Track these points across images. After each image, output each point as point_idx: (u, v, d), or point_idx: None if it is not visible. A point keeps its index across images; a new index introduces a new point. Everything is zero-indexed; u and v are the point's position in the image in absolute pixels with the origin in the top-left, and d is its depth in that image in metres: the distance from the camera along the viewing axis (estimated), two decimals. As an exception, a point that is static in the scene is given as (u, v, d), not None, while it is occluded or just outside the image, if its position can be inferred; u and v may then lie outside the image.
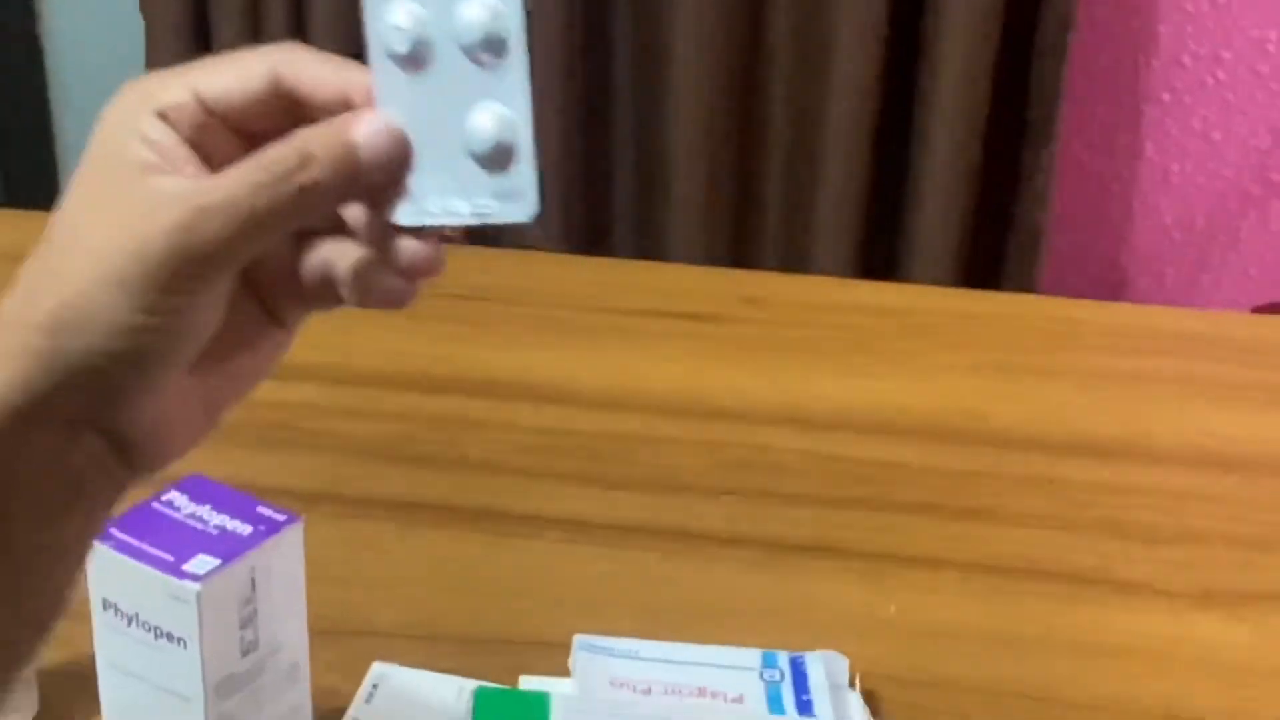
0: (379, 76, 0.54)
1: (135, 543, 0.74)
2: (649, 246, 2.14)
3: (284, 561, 0.78)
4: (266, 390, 1.20)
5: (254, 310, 0.57)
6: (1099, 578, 1.01)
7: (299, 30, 2.07)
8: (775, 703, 0.87)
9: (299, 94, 0.54)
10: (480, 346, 1.22)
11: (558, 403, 1.16)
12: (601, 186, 2.14)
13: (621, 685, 0.87)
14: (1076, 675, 0.94)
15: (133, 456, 0.54)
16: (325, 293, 0.56)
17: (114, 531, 0.75)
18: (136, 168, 0.52)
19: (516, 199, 0.54)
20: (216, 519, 0.76)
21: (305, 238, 0.56)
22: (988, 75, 1.97)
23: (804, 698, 0.87)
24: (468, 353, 1.22)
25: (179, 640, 0.75)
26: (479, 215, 0.54)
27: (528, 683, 0.87)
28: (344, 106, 0.54)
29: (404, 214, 0.54)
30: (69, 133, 2.36)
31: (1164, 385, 1.21)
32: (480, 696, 0.81)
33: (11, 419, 0.50)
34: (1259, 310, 1.89)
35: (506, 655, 0.90)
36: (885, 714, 0.89)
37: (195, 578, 0.73)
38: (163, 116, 0.53)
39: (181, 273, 0.50)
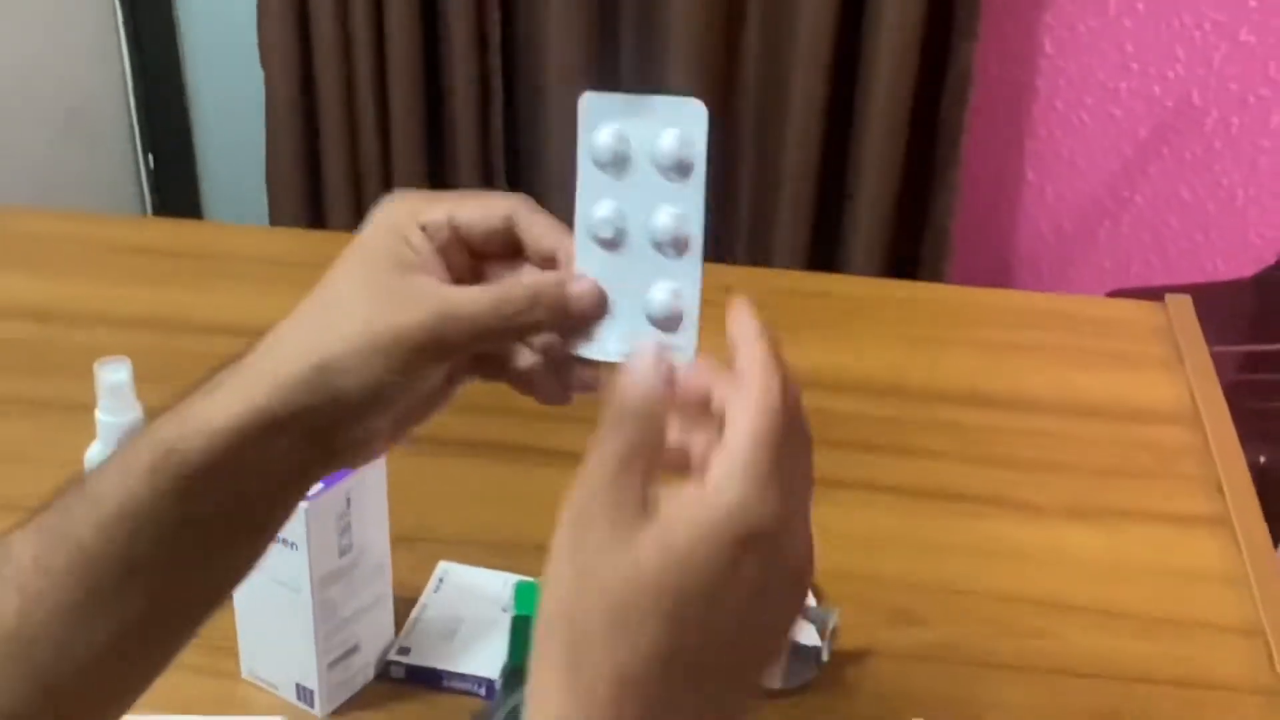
0: (581, 247, 0.55)
1: (258, 471, 0.74)
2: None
3: (371, 486, 0.78)
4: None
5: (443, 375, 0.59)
6: (991, 498, 1.01)
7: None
8: (744, 593, 0.86)
9: (523, 238, 0.56)
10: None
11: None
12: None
13: (628, 579, 0.87)
14: (974, 572, 0.93)
15: (338, 459, 0.57)
16: (497, 375, 0.58)
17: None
18: (400, 264, 0.54)
19: (679, 352, 0.56)
20: (320, 453, 0.76)
21: None
22: (906, 117, 1.97)
23: (766, 589, 0.87)
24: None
25: (292, 544, 0.74)
26: None
27: (557, 577, 0.87)
28: (552, 256, 0.56)
29: (585, 349, 0.56)
30: (207, 163, 2.36)
31: (1040, 352, 1.21)
32: (521, 588, 0.81)
33: (269, 423, 0.53)
34: (1111, 295, 1.88)
35: (542, 556, 0.89)
36: (829, 601, 0.89)
37: (304, 498, 0.73)
38: (424, 229, 0.55)
39: (427, 356, 0.53)
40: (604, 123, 0.55)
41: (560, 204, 0.56)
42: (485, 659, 0.81)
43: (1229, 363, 1.67)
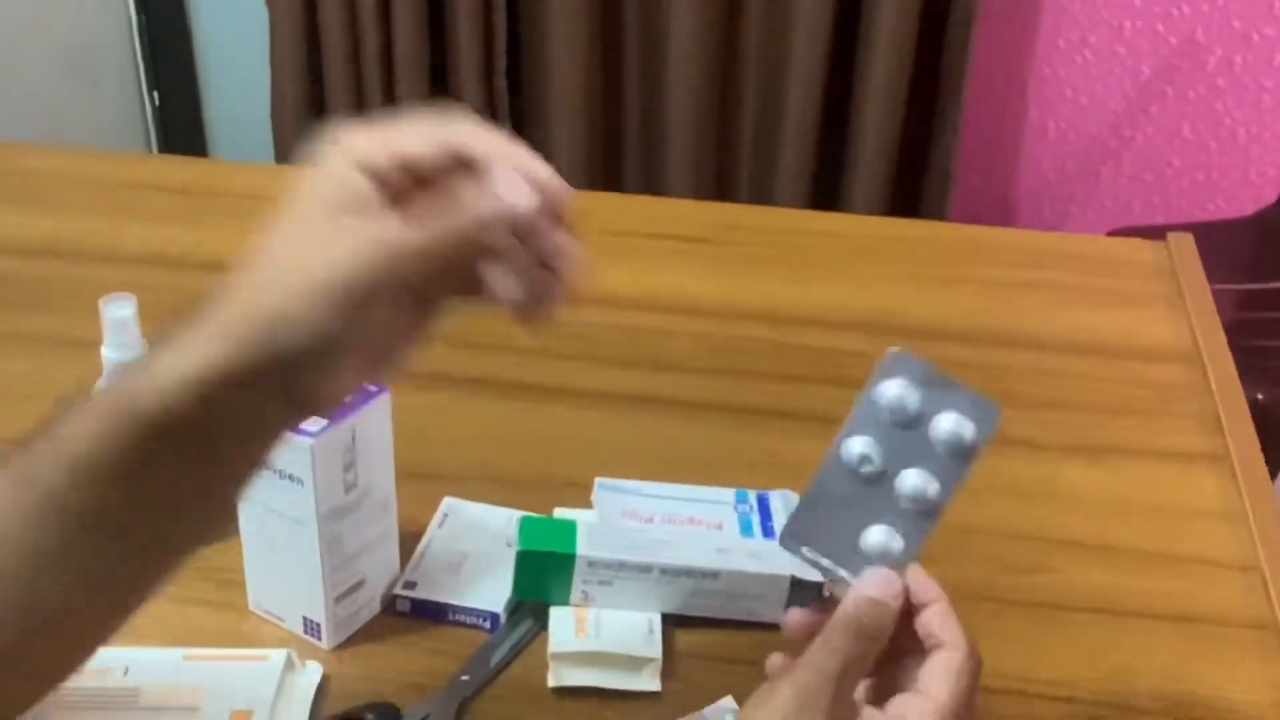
0: (832, 464, 0.60)
1: (264, 407, 0.74)
2: (652, 185, 2.12)
3: (376, 422, 0.77)
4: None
5: (412, 308, 0.57)
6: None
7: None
8: (746, 528, 0.86)
9: (470, 159, 0.54)
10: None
11: (582, 304, 1.15)
12: (616, 144, 2.12)
13: (630, 515, 0.87)
14: (974, 509, 0.93)
15: (306, 408, 0.56)
16: (474, 293, 0.58)
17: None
18: (342, 209, 0.53)
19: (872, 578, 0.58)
20: (325, 390, 0.76)
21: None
22: (910, 56, 1.95)
23: (767, 524, 0.87)
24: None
25: (298, 480, 0.74)
26: (831, 577, 0.59)
27: (561, 513, 0.87)
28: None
29: (783, 539, 0.59)
30: (212, 100, 2.34)
31: (1041, 290, 1.20)
32: (524, 523, 0.81)
33: (226, 383, 0.52)
34: (1113, 233, 1.87)
35: (544, 492, 0.90)
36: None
37: (309, 434, 0.73)
38: (363, 169, 0.54)
39: (375, 294, 0.52)
40: (902, 379, 0.59)
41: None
42: (489, 593, 0.81)
43: (1229, 301, 1.66)
